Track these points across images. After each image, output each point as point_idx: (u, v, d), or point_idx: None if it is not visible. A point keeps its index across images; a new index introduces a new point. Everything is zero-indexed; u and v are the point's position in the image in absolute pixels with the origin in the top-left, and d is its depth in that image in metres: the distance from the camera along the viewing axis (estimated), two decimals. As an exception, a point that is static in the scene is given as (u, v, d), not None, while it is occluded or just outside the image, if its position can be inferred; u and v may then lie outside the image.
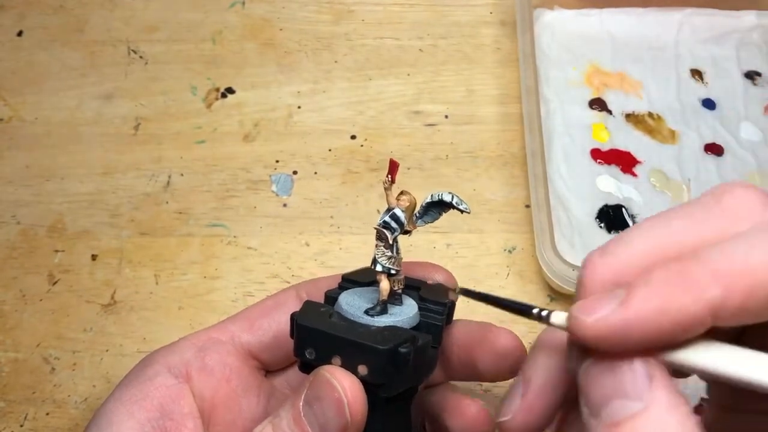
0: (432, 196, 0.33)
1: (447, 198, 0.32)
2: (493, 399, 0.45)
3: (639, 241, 0.25)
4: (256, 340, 0.36)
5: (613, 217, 0.51)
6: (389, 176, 0.31)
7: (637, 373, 0.23)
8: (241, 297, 0.50)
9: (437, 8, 0.63)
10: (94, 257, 0.52)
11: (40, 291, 0.51)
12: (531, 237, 0.51)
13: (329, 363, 0.30)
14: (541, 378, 0.28)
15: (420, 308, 0.34)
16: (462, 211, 0.32)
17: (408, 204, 0.32)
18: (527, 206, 0.53)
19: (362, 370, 0.30)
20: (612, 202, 0.52)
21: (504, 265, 0.51)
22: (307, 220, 0.53)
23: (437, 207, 0.33)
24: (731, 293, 0.22)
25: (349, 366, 0.30)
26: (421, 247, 0.51)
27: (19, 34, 0.63)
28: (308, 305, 0.33)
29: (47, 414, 0.46)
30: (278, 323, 0.37)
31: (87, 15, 0.64)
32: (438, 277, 0.37)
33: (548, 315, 0.26)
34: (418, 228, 0.33)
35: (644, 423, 0.23)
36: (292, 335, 0.32)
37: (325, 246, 0.52)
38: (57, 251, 0.52)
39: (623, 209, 0.52)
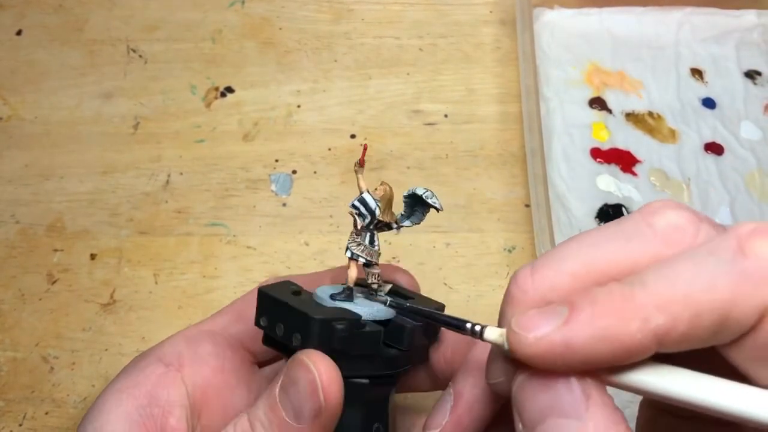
0: (408, 190, 0.33)
1: (419, 191, 0.32)
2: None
3: (571, 259, 0.25)
4: (244, 330, 0.36)
5: (612, 217, 0.51)
6: (359, 160, 0.32)
7: (574, 391, 0.23)
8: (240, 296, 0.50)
9: (437, 7, 0.63)
10: (93, 256, 0.52)
11: (39, 290, 0.51)
12: (531, 236, 0.51)
13: (275, 331, 0.31)
14: (472, 393, 0.29)
15: (400, 312, 0.33)
16: (431, 206, 0.32)
17: (382, 194, 0.32)
18: (527, 206, 0.53)
19: (296, 339, 0.30)
20: (612, 201, 0.52)
21: (504, 264, 0.51)
22: (306, 220, 0.53)
23: (420, 206, 0.33)
24: (676, 322, 0.22)
25: (288, 334, 0.30)
26: (420, 247, 0.51)
27: (19, 33, 0.63)
28: (283, 283, 0.34)
29: (46, 413, 0.46)
30: None
31: (86, 14, 0.64)
32: (400, 280, 0.37)
33: (482, 330, 0.26)
34: (404, 227, 0.33)
35: None
36: None
37: (325, 245, 0.52)
38: (56, 251, 0.52)
39: (623, 209, 0.52)
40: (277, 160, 0.56)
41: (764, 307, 0.22)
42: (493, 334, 0.25)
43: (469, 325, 0.27)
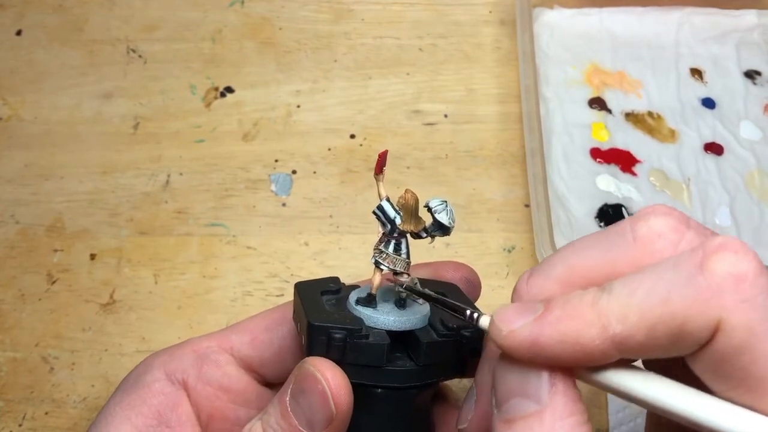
0: (426, 202, 0.32)
1: (432, 203, 0.31)
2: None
3: (560, 265, 0.27)
4: (256, 356, 0.36)
5: (612, 217, 0.51)
6: (376, 167, 0.31)
7: (541, 378, 0.25)
8: (240, 296, 0.50)
9: (437, 7, 0.63)
10: (93, 257, 0.52)
11: (39, 290, 0.51)
12: (530, 236, 0.51)
13: (298, 328, 0.32)
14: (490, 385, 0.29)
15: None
16: (437, 221, 0.31)
17: (404, 203, 0.32)
18: (527, 206, 0.53)
19: (303, 340, 0.30)
20: (611, 201, 0.52)
21: (503, 264, 0.51)
22: (306, 220, 0.53)
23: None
24: (634, 331, 0.23)
25: (300, 334, 0.31)
26: (419, 246, 0.51)
27: (19, 33, 0.63)
28: (325, 280, 0.34)
29: (46, 413, 0.46)
30: (281, 339, 0.36)
31: (86, 14, 0.64)
32: (452, 278, 0.37)
33: (478, 317, 0.27)
34: (435, 236, 0.32)
35: (536, 424, 0.24)
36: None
37: (325, 245, 0.52)
38: (56, 251, 0.52)
39: (623, 209, 0.52)
40: (277, 160, 0.56)
41: (715, 322, 0.23)
42: (485, 322, 0.27)
43: (468, 312, 0.28)
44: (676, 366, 0.25)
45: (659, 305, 0.23)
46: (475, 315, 0.27)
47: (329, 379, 0.29)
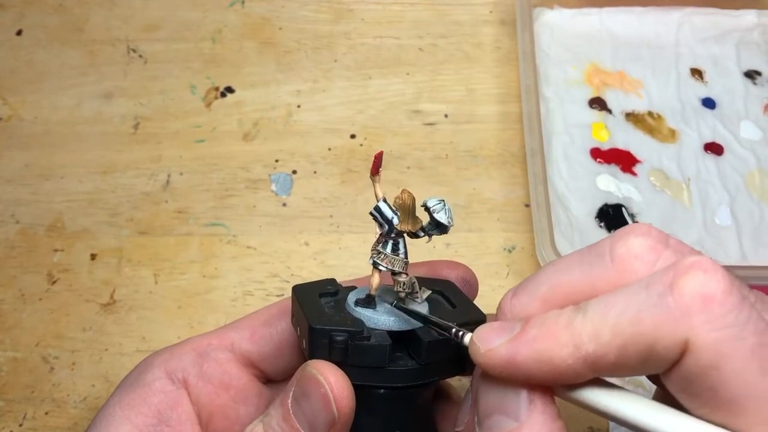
0: (423, 201, 0.32)
1: (430, 203, 0.31)
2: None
3: (543, 283, 0.27)
4: (256, 350, 0.36)
5: (612, 217, 0.51)
6: (372, 168, 0.31)
7: (520, 395, 0.25)
8: (240, 296, 0.50)
9: (437, 7, 0.63)
10: (93, 256, 0.52)
11: (39, 290, 0.51)
12: (531, 236, 0.51)
13: (297, 332, 0.32)
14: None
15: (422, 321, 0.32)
16: (436, 221, 0.31)
17: (401, 203, 0.32)
18: (527, 205, 0.53)
19: (304, 344, 0.30)
20: (612, 201, 0.52)
21: (504, 264, 0.51)
22: (306, 220, 0.53)
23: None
24: (606, 351, 0.24)
25: (301, 338, 0.31)
26: (420, 246, 0.51)
27: (19, 33, 0.63)
28: (323, 282, 0.34)
29: (46, 413, 0.46)
30: (281, 333, 0.36)
31: (86, 14, 0.64)
32: (450, 276, 0.37)
33: (462, 335, 0.28)
34: (432, 234, 0.32)
35: None
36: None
37: (325, 245, 0.52)
38: (56, 250, 0.52)
39: (623, 208, 0.52)
40: (277, 160, 0.56)
41: (684, 343, 0.23)
42: (468, 340, 0.27)
43: (453, 330, 0.28)
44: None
45: (630, 325, 0.23)
46: (460, 333, 0.28)
47: (332, 382, 0.29)
